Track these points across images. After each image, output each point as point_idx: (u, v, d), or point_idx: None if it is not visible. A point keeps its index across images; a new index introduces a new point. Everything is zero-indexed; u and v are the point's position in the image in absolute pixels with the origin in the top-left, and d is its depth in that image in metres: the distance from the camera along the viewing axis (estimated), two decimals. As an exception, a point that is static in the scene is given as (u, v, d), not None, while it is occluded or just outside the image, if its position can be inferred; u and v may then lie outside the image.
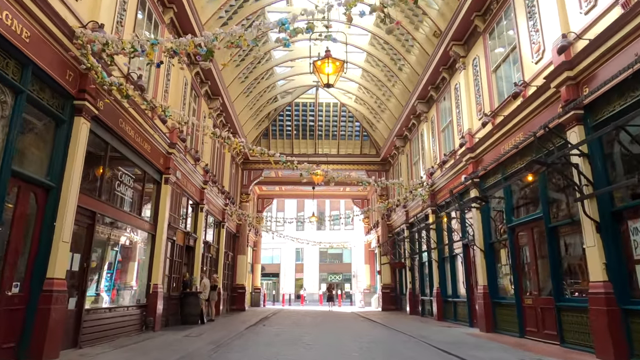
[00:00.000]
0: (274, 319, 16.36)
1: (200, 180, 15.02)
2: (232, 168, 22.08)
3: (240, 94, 18.74)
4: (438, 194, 15.16)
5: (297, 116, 23.85)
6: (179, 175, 12.69)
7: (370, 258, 30.65)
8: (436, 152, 15.57)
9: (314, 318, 17.41)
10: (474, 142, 11.79)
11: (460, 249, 13.19)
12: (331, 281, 45.97)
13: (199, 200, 15.20)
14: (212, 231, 18.28)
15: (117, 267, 9.74)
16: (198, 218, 15.19)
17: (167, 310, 12.11)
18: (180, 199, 13.04)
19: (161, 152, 11.19)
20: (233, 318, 16.14)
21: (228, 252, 21.32)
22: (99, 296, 8.71)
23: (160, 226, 11.14)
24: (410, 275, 19.20)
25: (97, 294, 8.62)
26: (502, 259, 10.85)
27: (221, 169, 19.15)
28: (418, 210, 17.39)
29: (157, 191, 11.36)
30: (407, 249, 19.37)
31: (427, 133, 16.59)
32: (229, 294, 21.48)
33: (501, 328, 10.41)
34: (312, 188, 28.02)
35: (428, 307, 16.70)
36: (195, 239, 14.88)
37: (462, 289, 13.33)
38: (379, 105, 21.07)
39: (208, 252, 17.13)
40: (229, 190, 21.06)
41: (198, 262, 14.81)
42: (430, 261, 16.44)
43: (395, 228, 22.06)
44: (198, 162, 14.51)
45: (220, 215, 18.94)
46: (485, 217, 11.37)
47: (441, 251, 15.16)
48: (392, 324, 13.49)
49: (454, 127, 13.73)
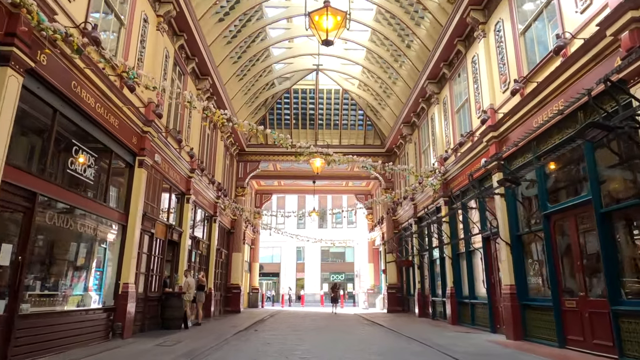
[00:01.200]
0: (269, 323, 14.77)
1: (186, 168, 13.44)
2: (226, 159, 20.50)
3: (233, 76, 17.16)
4: (452, 183, 13.54)
5: (297, 104, 22.27)
6: (158, 160, 11.11)
7: (374, 256, 29.04)
8: (449, 137, 13.96)
9: (314, 321, 15.82)
10: (496, 119, 10.19)
11: (479, 243, 11.58)
12: (334, 280, 44.37)
13: (185, 190, 13.63)
14: (202, 226, 16.71)
15: (77, 263, 8.17)
16: (184, 210, 13.62)
17: (144, 313, 10.54)
18: (159, 187, 11.47)
19: (133, 130, 9.61)
20: (224, 321, 14.56)
21: (221, 250, 19.75)
22: (50, 298, 7.14)
23: (133, 216, 9.56)
24: (419, 274, 17.59)
25: (47, 294, 7.06)
26: (533, 254, 9.24)
27: (212, 158, 17.58)
28: (428, 202, 15.77)
29: (129, 175, 9.78)
30: (415, 245, 17.75)
31: (438, 116, 14.97)
32: (223, 294, 19.90)
33: (533, 335, 8.79)
34: (313, 182, 26.49)
35: (440, 309, 15.08)
36: (181, 233, 13.30)
37: (482, 288, 11.71)
38: (384, 90, 19.45)
39: (197, 249, 15.56)
40: (223, 183, 19.48)
41: (183, 259, 13.23)
42: (442, 258, 14.82)
43: (401, 223, 20.44)
44: (182, 147, 12.93)
45: (212, 208, 17.36)
46: (512, 205, 9.75)
47: (455, 247, 13.54)
48: (402, 328, 11.88)
49: (471, 105, 12.12)
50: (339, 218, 46.76)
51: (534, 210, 9.04)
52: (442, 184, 14.09)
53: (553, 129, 8.05)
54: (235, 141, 21.05)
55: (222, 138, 18.75)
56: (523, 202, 9.47)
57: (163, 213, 12.15)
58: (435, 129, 15.36)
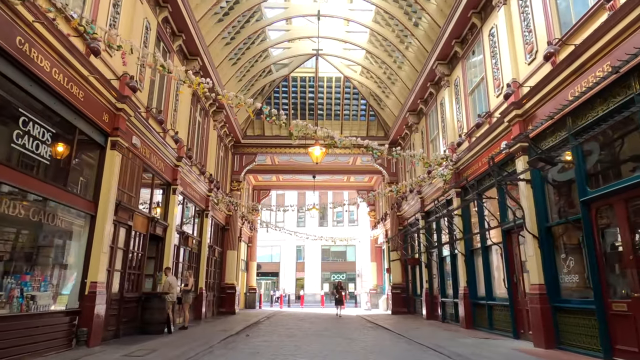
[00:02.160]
0: (263, 326, 13.51)
1: (172, 156, 12.18)
2: (220, 150, 19.24)
3: (226, 59, 15.89)
4: (465, 172, 12.26)
5: (295, 93, 21.00)
6: (137, 143, 9.85)
7: (377, 255, 27.75)
8: (462, 122, 12.69)
9: (313, 324, 14.54)
10: (520, 96, 8.92)
11: (498, 237, 10.30)
12: (337, 279, 43.09)
13: (171, 180, 12.37)
14: (192, 221, 15.45)
15: (31, 259, 6.92)
16: (170, 202, 12.36)
17: (119, 316, 9.28)
18: (139, 174, 10.20)
19: (104, 106, 8.34)
20: (215, 324, 13.30)
21: (214, 247, 18.50)
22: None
23: (104, 205, 8.30)
24: (426, 272, 16.31)
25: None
26: (567, 248, 7.95)
27: (204, 147, 16.31)
28: (437, 195, 14.48)
29: (100, 158, 8.52)
30: (422, 242, 16.48)
31: (449, 100, 13.68)
32: (216, 294, 18.64)
33: (568, 343, 7.52)
34: (313, 177, 25.29)
35: (451, 310, 13.80)
36: (166, 227, 12.04)
37: (501, 288, 10.44)
38: (388, 76, 18.18)
39: (186, 245, 14.29)
40: (216, 176, 18.24)
41: (169, 256, 11.97)
42: (453, 255, 13.55)
43: (407, 219, 19.15)
44: (166, 131, 11.66)
45: (203, 202, 16.10)
46: (540, 192, 8.47)
47: (469, 242, 12.26)
48: (411, 333, 10.60)
49: (488, 84, 10.84)
50: (340, 216, 45.54)
51: (568, 197, 7.76)
52: (454, 174, 12.82)
53: (595, 99, 6.78)
54: (230, 132, 19.79)
55: (215, 127, 17.49)
56: (555, 188, 8.19)
57: (144, 204, 10.90)
58: (445, 115, 14.08)
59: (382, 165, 21.48)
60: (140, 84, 10.10)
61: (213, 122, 17.32)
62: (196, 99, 15.12)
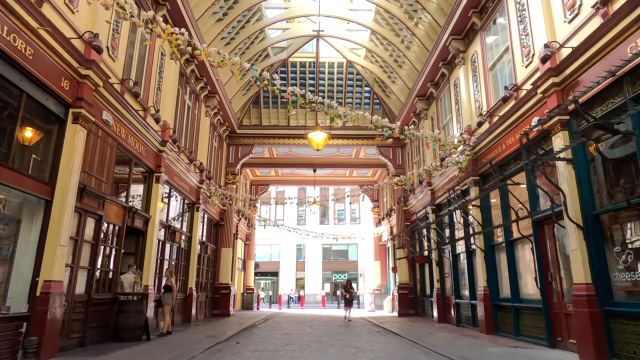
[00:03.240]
0: (258, 330, 12.14)
1: (156, 139, 10.82)
2: (214, 140, 17.88)
3: (218, 37, 14.50)
4: (484, 157, 10.87)
5: (294, 79, 19.60)
6: (109, 119, 8.49)
7: (380, 253, 26.36)
8: (480, 102, 11.30)
9: (314, 328, 13.17)
10: (557, 60, 7.54)
11: (528, 229, 8.90)
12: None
13: (154, 166, 11.00)
14: (180, 214, 14.08)
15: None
16: (152, 191, 10.99)
17: (86, 321, 7.92)
18: (112, 157, 8.83)
19: (63, 70, 6.97)
20: (204, 328, 11.93)
21: (207, 244, 17.14)
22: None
23: (63, 188, 6.93)
24: (437, 271, 14.91)
25: None
26: (622, 239, 6.56)
27: (194, 134, 14.94)
28: (451, 185, 13.08)
29: (58, 133, 7.15)
30: (433, 238, 15.08)
31: (464, 79, 12.30)
32: (209, 295, 17.28)
33: (625, 356, 6.13)
34: (314, 171, 23.93)
35: (467, 313, 12.41)
36: (147, 219, 10.67)
37: (530, 288, 9.06)
38: (395, 58, 16.80)
39: (173, 240, 12.92)
40: (209, 167, 16.91)
41: (151, 252, 10.60)
42: (470, 252, 12.17)
43: (415, 214, 17.76)
44: (146, 108, 10.29)
45: (194, 194, 14.74)
46: (584, 173, 7.08)
47: (489, 236, 10.87)
48: (426, 341, 9.21)
49: (514, 54, 9.45)
50: (342, 214, 44.20)
51: (625, 177, 6.37)
52: (471, 161, 11.44)
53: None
54: (224, 120, 18.42)
55: (207, 114, 16.12)
56: (607, 168, 6.80)
57: (120, 191, 9.54)
58: (459, 96, 12.69)
59: (387, 157, 20.12)
60: (114, 51, 8.74)
61: (205, 108, 15.96)
62: (185, 80, 13.75)
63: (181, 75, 13.38)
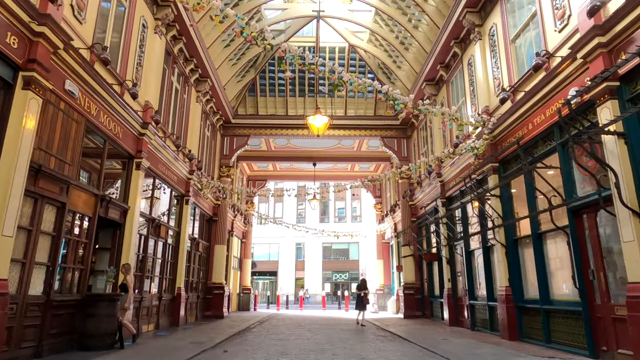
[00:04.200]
0: (252, 335, 10.92)
1: (135, 120, 9.60)
2: (206, 129, 16.66)
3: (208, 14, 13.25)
4: (506, 140, 9.66)
5: (293, 66, 18.28)
6: (75, 91, 7.27)
7: (383, 252, 25.12)
8: (500, 79, 10.08)
9: (313, 332, 11.95)
10: (603, 17, 6.32)
11: (563, 219, 7.66)
12: (344, 279, 40.47)
13: (134, 151, 9.77)
14: (167, 207, 12.86)
15: None
16: (131, 179, 9.76)
17: (43, 327, 6.69)
18: (78, 134, 7.59)
19: (7, 22, 5.74)
20: (191, 333, 10.71)
21: (199, 240, 15.91)
22: None
23: (8, 166, 5.70)
24: (448, 270, 13.67)
25: None
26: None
27: (184, 121, 13.72)
28: (464, 175, 11.87)
29: (4, 99, 5.92)
30: (443, 234, 13.85)
31: (481, 56, 11.08)
32: (201, 295, 16.06)
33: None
34: (313, 165, 22.77)
35: (483, 316, 11.19)
36: (125, 210, 9.45)
37: (565, 288, 7.84)
38: (401, 40, 15.57)
39: (157, 235, 11.69)
40: (201, 158, 15.73)
41: (130, 248, 9.37)
42: (487, 248, 10.95)
43: (423, 207, 16.52)
44: (123, 83, 9.05)
45: (183, 186, 13.51)
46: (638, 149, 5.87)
47: (511, 230, 9.65)
48: (442, 348, 7.99)
49: (545, 17, 8.21)
50: (342, 212, 42.99)
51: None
52: (489, 145, 10.22)
53: None
54: (217, 108, 17.20)
55: (198, 99, 14.89)
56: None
57: (90, 177, 8.34)
58: (475, 76, 11.47)
59: (392, 149, 18.89)
60: (81, 12, 7.52)
61: (196, 93, 14.74)
62: (172, 60, 12.53)
63: (168, 54, 12.17)
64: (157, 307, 11.63)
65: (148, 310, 10.97)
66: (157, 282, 11.94)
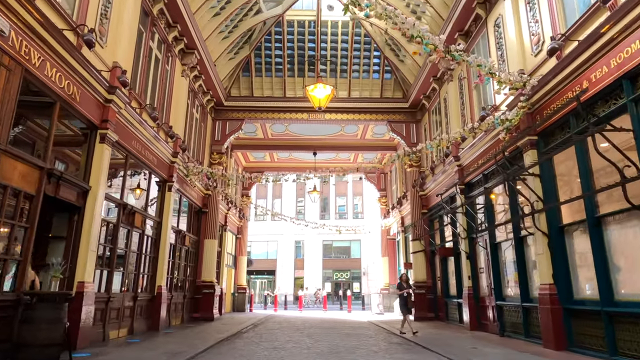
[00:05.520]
0: (242, 343, 9.20)
1: (100, 82, 7.88)
2: (194, 110, 14.96)
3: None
4: (547, 107, 7.96)
5: (291, 42, 16.64)
6: (4, 28, 5.55)
7: (389, 249, 23.39)
8: (540, 34, 8.38)
9: (315, 339, 10.25)
10: None
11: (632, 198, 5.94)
12: (337, 279, 38.73)
13: (97, 121, 8.06)
14: (145, 192, 11.15)
15: None
16: (94, 153, 8.06)
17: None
18: (9, 83, 5.84)
19: None
20: (171, 339, 9.00)
21: (185, 234, 14.17)
22: None
23: None
24: (468, 266, 11.95)
25: None
26: None
27: (166, 96, 12.02)
28: (490, 155, 10.17)
29: None
30: (462, 225, 12.13)
31: (513, 13, 9.34)
32: (188, 295, 14.34)
33: None
34: (314, 154, 21.00)
35: (514, 319, 9.48)
36: (85, 191, 7.75)
37: (637, 286, 6.13)
38: (413, 8, 13.85)
39: (131, 225, 9.96)
40: (189, 142, 14.08)
41: (90, 237, 7.66)
42: (519, 239, 9.24)
43: (439, 194, 14.80)
44: (75, 28, 7.29)
45: (165, 170, 11.80)
46: None
47: (555, 216, 7.94)
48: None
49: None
50: (343, 209, 41.31)
51: None
52: (527, 116, 8.51)
53: None
54: (207, 88, 15.48)
55: (184, 74, 13.16)
56: None
57: (31, 147, 6.62)
58: (505, 37, 9.76)
59: (400, 134, 17.20)
60: None
61: (182, 66, 13.03)
62: (151, 21, 10.82)
63: (145, 14, 10.46)
64: (132, 308, 9.92)
65: (119, 313, 9.26)
66: (133, 279, 10.24)
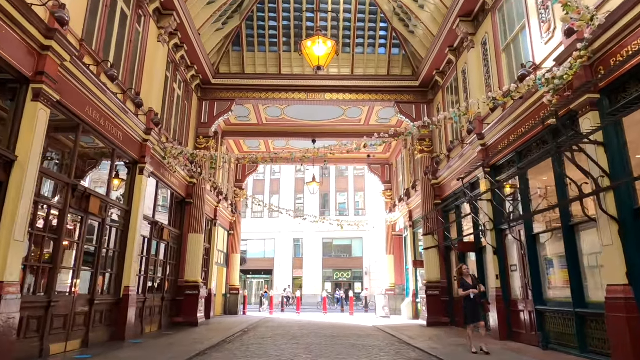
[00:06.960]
0: (222, 356, 7.29)
1: (34, 24, 6.00)
2: (175, 84, 13.07)
3: None
4: (614, 55, 6.07)
5: (287, 11, 14.72)
6: None
7: (394, 246, 21.46)
8: (602, -37, 6.47)
9: (313, 352, 8.35)
10: None
11: None
12: (339, 279, 36.83)
13: (30, 72, 6.17)
14: (107, 174, 9.25)
15: None
16: (23, 115, 6.17)
17: None
18: None
19: None
20: (133, 354, 7.11)
21: (164, 226, 12.26)
22: None
23: None
24: (495, 263, 10.04)
25: None
26: None
27: (137, 60, 10.12)
28: (526, 126, 8.28)
29: None
30: (488, 214, 10.21)
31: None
32: (167, 297, 12.42)
33: None
34: (313, 142, 19.06)
35: (562, 329, 7.59)
36: (10, 162, 5.86)
37: None
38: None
39: (84, 211, 8.04)
40: (168, 120, 12.17)
41: (15, 221, 5.78)
42: (569, 227, 7.36)
43: (453, 186, 12.93)
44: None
45: (135, 149, 9.91)
46: None
47: (627, 194, 6.06)
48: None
49: None
50: (344, 206, 39.46)
51: None
52: (582, 69, 6.62)
53: None
54: (192, 61, 13.60)
55: (161, 39, 11.28)
56: None
57: None
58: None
59: (409, 116, 15.31)
60: None
61: (157, 29, 11.17)
62: (113, -34, 8.92)
63: None
64: (87, 314, 8.03)
65: (66, 321, 7.38)
66: (89, 278, 8.35)
